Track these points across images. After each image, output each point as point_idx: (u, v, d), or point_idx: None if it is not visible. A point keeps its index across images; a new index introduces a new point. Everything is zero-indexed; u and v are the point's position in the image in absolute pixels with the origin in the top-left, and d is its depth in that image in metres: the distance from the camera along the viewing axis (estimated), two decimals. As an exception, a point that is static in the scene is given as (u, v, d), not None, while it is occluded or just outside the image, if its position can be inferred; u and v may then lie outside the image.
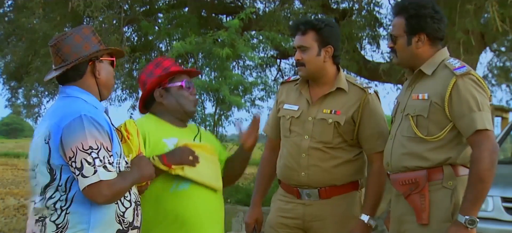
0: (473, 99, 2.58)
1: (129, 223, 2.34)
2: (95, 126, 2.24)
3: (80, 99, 2.33)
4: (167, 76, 2.89)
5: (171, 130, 2.89)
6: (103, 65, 2.42)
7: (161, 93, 2.90)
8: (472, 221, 2.52)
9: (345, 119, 3.02)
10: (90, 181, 2.17)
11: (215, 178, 2.89)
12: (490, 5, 6.75)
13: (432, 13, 2.73)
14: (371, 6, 8.97)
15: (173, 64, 2.97)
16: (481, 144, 2.54)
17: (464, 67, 2.65)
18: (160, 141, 2.81)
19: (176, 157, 2.75)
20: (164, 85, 2.90)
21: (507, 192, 5.65)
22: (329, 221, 3.06)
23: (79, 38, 2.36)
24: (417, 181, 2.68)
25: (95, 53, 2.37)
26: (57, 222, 2.24)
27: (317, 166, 3.03)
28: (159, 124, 2.89)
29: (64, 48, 2.35)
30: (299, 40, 3.05)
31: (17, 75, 10.40)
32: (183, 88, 2.90)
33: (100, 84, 2.41)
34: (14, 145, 35.52)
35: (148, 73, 2.94)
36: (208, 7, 9.86)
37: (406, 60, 2.79)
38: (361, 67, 9.18)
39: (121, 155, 2.35)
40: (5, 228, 8.74)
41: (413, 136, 2.71)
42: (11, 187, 14.67)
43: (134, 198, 2.39)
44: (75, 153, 2.18)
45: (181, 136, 2.89)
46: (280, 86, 3.34)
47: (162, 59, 3.00)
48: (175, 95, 2.89)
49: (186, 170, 2.76)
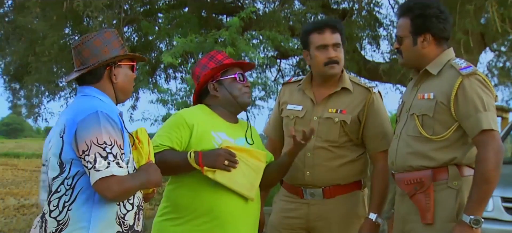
0: (479, 100, 2.58)
1: (129, 226, 2.34)
2: (110, 122, 2.27)
3: (96, 98, 2.37)
4: (220, 69, 2.89)
5: (221, 124, 2.87)
6: (121, 70, 2.45)
7: (215, 86, 2.91)
8: (477, 221, 2.52)
9: (351, 118, 3.04)
10: (103, 175, 2.19)
11: (248, 187, 2.78)
12: (490, 5, 6.75)
13: (438, 13, 2.73)
14: (371, 6, 8.97)
15: (226, 57, 2.96)
16: (487, 144, 2.54)
17: (470, 67, 2.65)
18: (209, 132, 2.79)
19: (211, 159, 2.70)
20: (217, 78, 2.90)
21: (507, 192, 5.65)
22: (333, 220, 3.07)
23: (99, 42, 2.40)
24: (422, 181, 2.68)
25: (113, 59, 2.40)
26: (59, 218, 2.26)
27: (322, 165, 3.05)
28: (211, 116, 2.88)
29: (84, 51, 2.40)
30: (332, 38, 3.07)
31: (17, 75, 10.39)
32: (236, 80, 2.90)
33: (116, 89, 2.44)
34: (14, 145, 35.56)
35: (202, 66, 2.94)
36: (208, 7, 9.86)
37: (412, 60, 2.79)
38: (361, 67, 9.18)
39: (130, 159, 2.37)
40: (5, 228, 8.74)
41: (419, 135, 2.71)
42: (11, 187, 14.68)
43: (137, 201, 2.39)
44: (89, 146, 2.21)
45: (231, 131, 2.86)
46: (281, 87, 3.35)
47: (216, 52, 2.99)
48: (229, 87, 2.89)
49: (217, 174, 2.70)
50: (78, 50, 2.41)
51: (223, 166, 2.70)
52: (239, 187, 2.75)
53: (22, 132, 51.53)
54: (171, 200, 2.84)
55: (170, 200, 2.85)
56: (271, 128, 3.32)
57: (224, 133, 2.83)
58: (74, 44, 2.43)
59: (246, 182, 2.77)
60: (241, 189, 2.75)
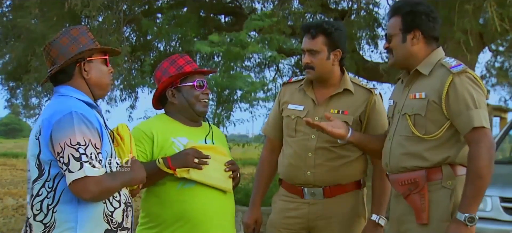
0: (470, 97, 2.59)
1: (118, 224, 2.33)
2: (85, 122, 2.24)
3: (72, 98, 2.34)
4: (179, 76, 2.89)
5: (181, 129, 2.88)
6: (92, 65, 2.41)
7: (173, 92, 2.90)
8: (472, 219, 2.52)
9: (353, 119, 3.05)
10: (76, 176, 2.17)
11: (223, 180, 2.86)
12: (489, 5, 6.75)
13: (427, 11, 2.76)
14: (369, 6, 8.98)
15: (187, 63, 2.93)
16: (479, 141, 2.55)
17: (460, 66, 2.67)
18: (169, 139, 2.82)
19: (181, 160, 2.74)
20: (175, 85, 2.89)
21: (505, 192, 5.66)
22: (334, 219, 3.08)
23: (66, 40, 2.37)
24: (416, 181, 2.69)
25: (79, 55, 2.36)
26: (45, 221, 2.25)
27: (323, 165, 3.05)
28: (170, 123, 2.89)
29: (51, 52, 2.37)
30: (309, 43, 3.06)
31: (15, 75, 10.38)
32: (195, 88, 2.89)
33: (90, 85, 2.40)
34: (13, 145, 35.49)
35: (163, 71, 2.93)
36: (207, 7, 9.86)
37: (402, 59, 2.80)
38: (360, 67, 9.18)
39: (112, 154, 2.36)
40: (3, 228, 8.73)
41: (411, 135, 2.71)
42: (10, 187, 14.65)
43: (124, 199, 2.38)
44: (63, 148, 2.19)
45: (191, 135, 2.88)
46: (282, 87, 3.35)
47: (177, 56, 2.97)
48: (186, 95, 2.89)
49: (192, 173, 2.75)
50: (47, 51, 2.38)
51: (194, 164, 2.74)
52: (215, 181, 2.81)
53: (21, 132, 51.41)
54: (146, 210, 2.89)
55: (145, 210, 2.89)
56: (270, 128, 3.32)
57: (185, 137, 2.85)
58: (44, 46, 2.40)
59: (220, 175, 2.85)
60: (218, 183, 2.82)
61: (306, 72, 3.10)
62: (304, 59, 3.09)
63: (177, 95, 2.90)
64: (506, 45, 10.51)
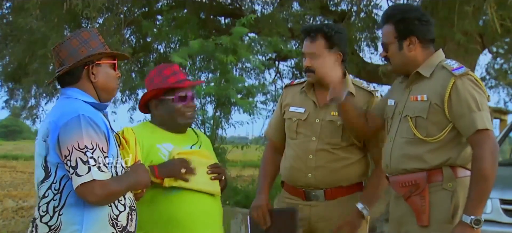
0: (473, 99, 2.59)
1: (123, 227, 2.33)
2: (92, 126, 2.25)
3: (79, 100, 2.35)
4: (160, 91, 2.89)
5: (166, 136, 2.91)
6: (100, 69, 2.41)
7: (156, 103, 2.92)
8: (478, 221, 2.53)
9: None
10: (84, 180, 2.18)
11: (210, 183, 2.89)
12: (489, 7, 6.75)
13: (419, 16, 2.76)
14: (369, 9, 8.98)
15: (172, 74, 2.92)
16: (483, 143, 2.55)
17: (462, 68, 2.67)
18: (154, 145, 2.84)
19: (168, 170, 2.77)
20: (158, 97, 2.91)
21: (506, 194, 5.66)
22: (335, 221, 3.07)
23: (76, 42, 2.37)
24: (417, 183, 2.68)
25: (89, 58, 2.37)
26: (50, 223, 2.25)
27: (324, 167, 3.05)
28: (154, 130, 2.92)
29: (61, 53, 2.38)
30: (309, 47, 3.06)
31: (15, 77, 10.39)
32: (176, 101, 2.89)
33: (97, 88, 2.40)
34: (13, 147, 35.46)
35: (150, 79, 2.95)
36: (207, 9, 9.86)
37: (400, 65, 2.80)
38: (360, 69, 9.18)
39: (117, 157, 2.36)
40: (3, 231, 8.73)
41: (412, 137, 2.71)
42: (10, 189, 14.65)
43: (129, 202, 2.38)
44: (70, 151, 2.19)
45: (176, 141, 2.90)
46: (283, 89, 3.36)
47: (164, 66, 2.99)
48: (168, 107, 2.90)
49: (179, 181, 2.79)
50: (56, 51, 2.39)
51: (181, 175, 2.77)
52: (203, 186, 2.85)
53: (21, 133, 51.39)
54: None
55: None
56: (272, 130, 3.32)
57: (170, 143, 2.87)
58: (53, 46, 2.41)
59: (207, 179, 2.88)
60: (206, 187, 2.86)
61: (307, 76, 3.11)
62: (304, 62, 3.10)
63: (160, 107, 2.92)
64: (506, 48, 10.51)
